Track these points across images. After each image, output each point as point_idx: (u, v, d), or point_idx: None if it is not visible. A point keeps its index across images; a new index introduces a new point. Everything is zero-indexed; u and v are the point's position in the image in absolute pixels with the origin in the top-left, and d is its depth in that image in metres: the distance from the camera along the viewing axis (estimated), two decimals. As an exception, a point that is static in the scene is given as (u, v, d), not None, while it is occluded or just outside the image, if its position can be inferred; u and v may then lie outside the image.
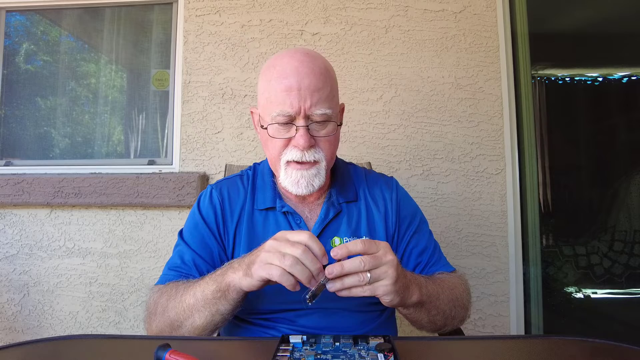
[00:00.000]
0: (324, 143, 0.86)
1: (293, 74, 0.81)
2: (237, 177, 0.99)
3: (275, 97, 0.82)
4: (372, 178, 1.01)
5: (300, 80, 0.81)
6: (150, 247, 1.87)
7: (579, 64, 2.15)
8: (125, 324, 1.88)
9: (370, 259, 0.65)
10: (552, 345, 0.66)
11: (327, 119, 0.84)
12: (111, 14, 2.10)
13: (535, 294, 1.85)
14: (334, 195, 0.94)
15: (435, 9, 1.85)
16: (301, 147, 0.82)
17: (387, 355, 0.60)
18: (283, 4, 1.90)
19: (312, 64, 0.83)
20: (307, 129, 0.82)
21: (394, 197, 0.97)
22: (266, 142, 0.89)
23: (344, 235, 0.90)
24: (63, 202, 1.85)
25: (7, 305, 1.93)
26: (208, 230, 0.91)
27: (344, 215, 0.93)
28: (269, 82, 0.84)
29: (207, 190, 0.96)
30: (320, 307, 0.83)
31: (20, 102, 2.10)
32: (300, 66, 0.82)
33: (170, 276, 0.86)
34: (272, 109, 0.83)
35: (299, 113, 0.81)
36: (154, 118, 2.04)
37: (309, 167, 0.85)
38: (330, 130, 0.86)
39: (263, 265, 0.66)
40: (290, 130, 0.83)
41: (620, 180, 2.05)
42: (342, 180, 0.97)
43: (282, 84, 0.81)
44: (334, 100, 0.87)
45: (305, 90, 0.81)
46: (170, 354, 0.56)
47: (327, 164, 0.88)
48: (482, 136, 1.81)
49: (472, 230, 1.79)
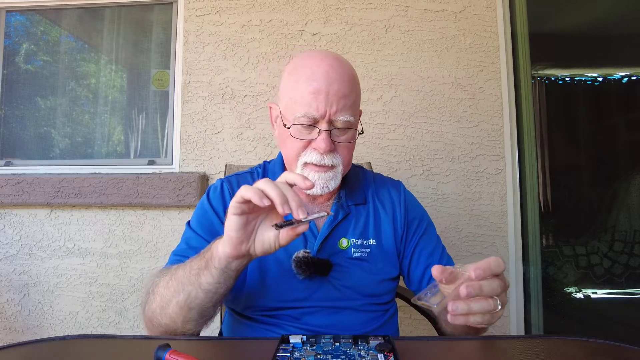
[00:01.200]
0: (342, 149, 0.86)
1: (323, 78, 0.82)
2: (247, 173, 0.99)
3: (301, 98, 0.82)
4: (380, 181, 1.02)
5: (330, 85, 0.81)
6: (150, 247, 1.87)
7: (579, 64, 2.15)
8: (125, 324, 1.88)
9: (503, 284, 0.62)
10: (552, 345, 0.66)
11: (349, 125, 0.85)
12: (111, 14, 2.10)
13: (535, 294, 1.85)
14: (343, 198, 0.94)
15: (435, 9, 1.85)
16: (322, 150, 0.83)
17: (387, 355, 0.59)
18: (283, 4, 1.90)
19: (342, 70, 0.84)
20: (329, 133, 0.83)
21: (401, 200, 0.98)
22: (285, 141, 0.88)
23: (351, 237, 0.90)
24: (63, 202, 1.85)
25: (7, 306, 1.93)
26: (218, 220, 0.90)
27: (353, 218, 0.93)
28: (296, 82, 0.84)
29: (218, 183, 0.96)
30: (324, 306, 0.83)
31: (20, 102, 2.10)
32: (330, 71, 0.82)
33: (173, 261, 0.85)
34: (296, 110, 0.83)
35: (324, 117, 0.82)
36: (154, 118, 2.04)
37: (326, 170, 0.85)
38: (350, 137, 0.87)
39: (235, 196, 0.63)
40: (312, 132, 0.84)
41: (620, 180, 2.05)
42: (351, 183, 0.98)
43: (311, 86, 0.81)
44: (356, 108, 0.88)
45: (333, 96, 0.81)
46: (170, 354, 0.56)
47: (344, 169, 0.88)
48: (482, 136, 1.81)
49: (472, 231, 1.79)
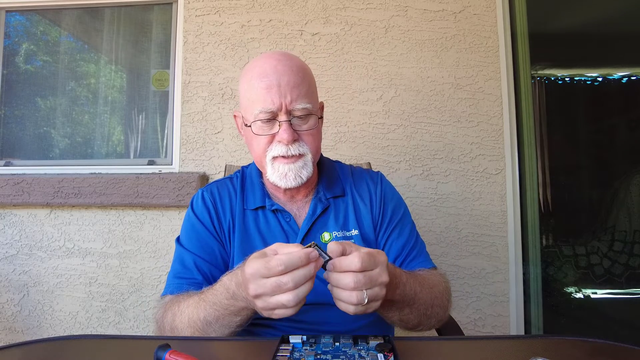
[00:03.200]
0: (307, 137, 0.88)
1: (272, 72, 0.84)
2: (227, 179, 1.01)
3: (256, 96, 0.85)
4: (357, 173, 1.03)
5: (280, 78, 0.84)
6: (150, 247, 1.87)
7: (578, 64, 2.15)
8: (125, 324, 1.88)
9: (365, 281, 0.61)
10: (552, 345, 0.66)
11: (308, 112, 0.87)
12: (111, 14, 2.10)
13: (535, 294, 1.85)
14: (321, 191, 0.96)
15: (435, 9, 1.85)
16: (285, 141, 0.85)
17: (387, 355, 0.59)
18: (283, 4, 1.90)
19: (290, 62, 0.87)
20: (290, 123, 0.85)
21: (378, 190, 0.99)
22: (251, 142, 0.90)
23: (332, 230, 0.91)
24: (63, 202, 1.85)
25: (6, 306, 1.92)
26: (205, 230, 0.92)
27: (332, 210, 0.94)
28: (249, 81, 0.87)
29: (198, 194, 0.98)
30: (316, 303, 0.84)
31: (20, 102, 2.10)
32: (278, 65, 0.85)
33: (174, 285, 0.86)
34: (254, 107, 0.85)
35: (281, 109, 0.84)
36: (153, 118, 2.04)
37: (295, 160, 0.87)
38: (313, 124, 0.89)
39: (270, 312, 0.62)
40: (273, 127, 0.86)
41: (620, 180, 2.05)
42: (328, 176, 0.99)
43: (262, 82, 0.84)
44: (313, 96, 0.90)
45: (285, 87, 0.84)
46: (170, 354, 0.56)
47: (313, 157, 0.90)
48: (482, 136, 1.81)
49: (472, 231, 1.79)
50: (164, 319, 0.80)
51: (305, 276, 0.60)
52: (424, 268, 0.91)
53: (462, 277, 1.78)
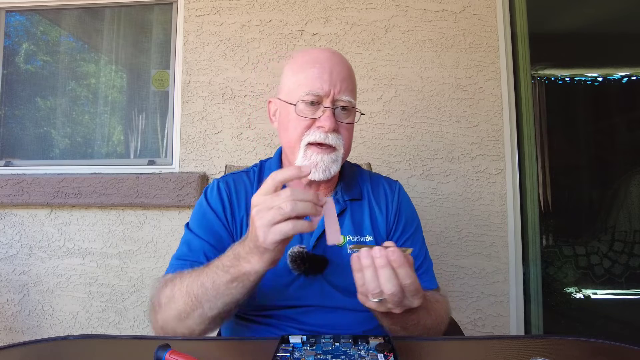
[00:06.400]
0: (345, 131, 0.88)
1: (327, 61, 0.86)
2: (243, 172, 0.99)
3: (306, 79, 0.85)
4: (375, 179, 1.03)
5: (333, 67, 0.86)
6: (150, 248, 1.87)
7: (579, 64, 2.15)
8: (125, 324, 1.88)
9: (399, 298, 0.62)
10: (552, 345, 0.66)
11: (351, 107, 0.88)
12: (111, 14, 2.10)
13: (535, 294, 1.85)
14: (339, 192, 0.95)
15: (435, 9, 1.85)
16: (327, 128, 0.84)
17: (387, 355, 0.59)
18: (283, 4, 1.90)
19: (342, 58, 0.90)
20: (334, 112, 0.85)
21: (395, 199, 0.98)
22: (287, 125, 0.89)
23: (347, 233, 0.90)
24: (63, 202, 1.85)
25: (7, 306, 1.93)
26: (217, 219, 0.89)
27: (348, 213, 0.93)
28: (300, 67, 0.88)
29: (214, 183, 0.95)
30: (321, 305, 0.83)
31: (20, 102, 2.10)
32: (332, 56, 0.88)
33: (177, 266, 0.84)
34: (301, 90, 0.85)
35: (328, 95, 0.85)
36: (153, 118, 2.04)
37: (329, 151, 0.86)
38: (353, 120, 0.90)
39: (268, 229, 0.62)
40: (316, 111, 0.86)
41: (620, 180, 2.05)
42: (348, 178, 0.98)
43: (315, 67, 0.85)
44: (355, 95, 0.91)
45: (337, 76, 0.85)
46: (170, 354, 0.56)
47: (344, 154, 0.90)
48: (482, 136, 1.81)
49: (472, 231, 1.79)
50: (161, 293, 0.76)
51: (302, 192, 0.62)
52: (427, 289, 0.88)
53: (462, 277, 1.78)
